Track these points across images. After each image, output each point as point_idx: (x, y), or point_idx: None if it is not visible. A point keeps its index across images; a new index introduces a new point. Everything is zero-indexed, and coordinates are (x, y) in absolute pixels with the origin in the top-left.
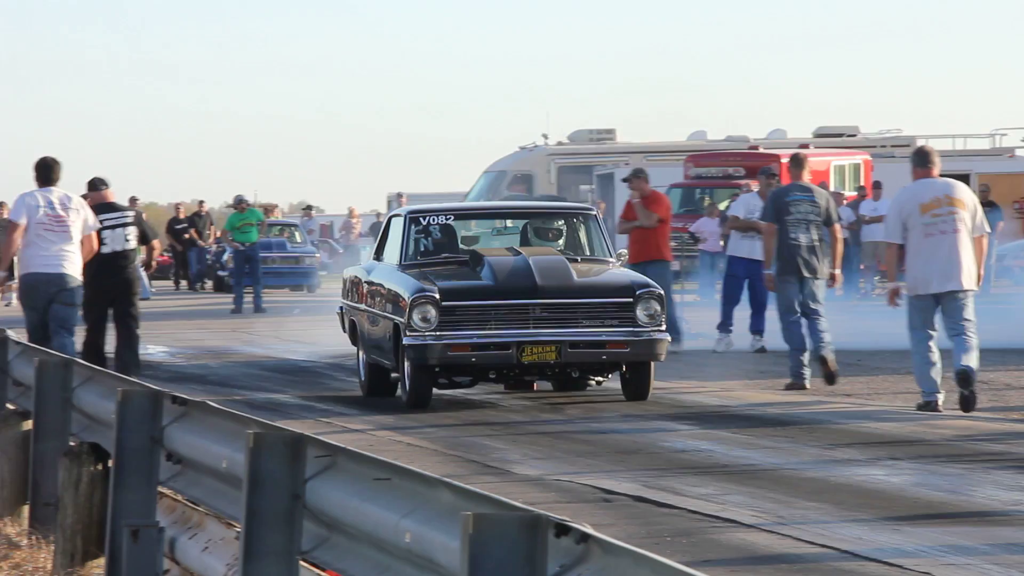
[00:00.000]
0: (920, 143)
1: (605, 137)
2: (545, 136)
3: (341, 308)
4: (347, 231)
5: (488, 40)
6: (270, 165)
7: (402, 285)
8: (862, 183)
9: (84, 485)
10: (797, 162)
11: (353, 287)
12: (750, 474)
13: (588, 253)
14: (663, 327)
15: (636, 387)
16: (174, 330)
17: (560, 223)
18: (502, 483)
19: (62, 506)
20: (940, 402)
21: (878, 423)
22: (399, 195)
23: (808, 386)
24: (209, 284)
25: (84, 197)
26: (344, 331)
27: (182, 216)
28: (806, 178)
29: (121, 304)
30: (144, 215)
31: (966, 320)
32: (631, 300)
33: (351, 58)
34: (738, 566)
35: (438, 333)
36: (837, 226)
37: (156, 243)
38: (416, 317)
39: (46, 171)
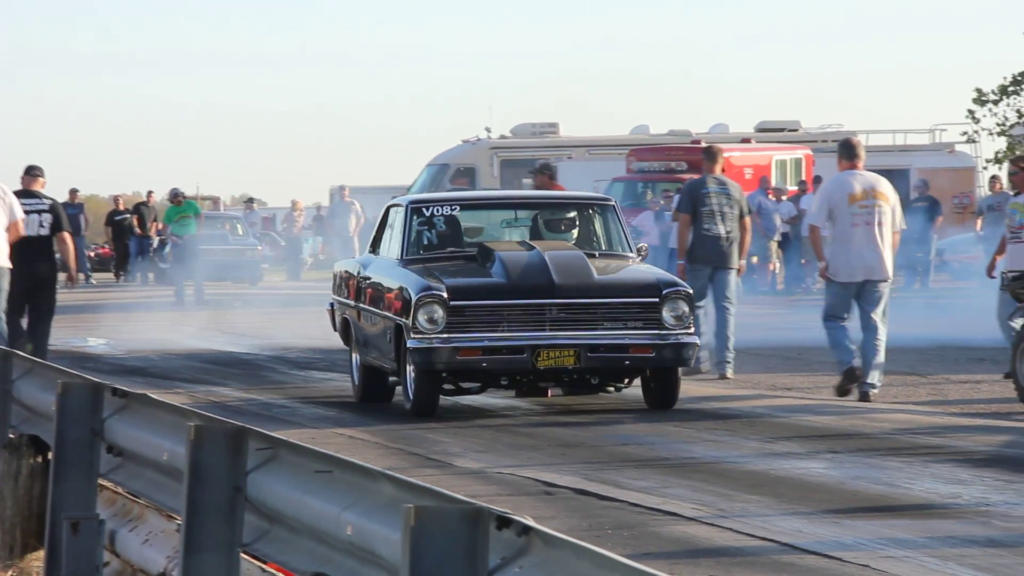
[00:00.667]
0: (859, 136)
1: (548, 131)
2: (488, 130)
3: (332, 304)
4: (290, 224)
5: (431, 32)
6: (212, 157)
7: (405, 282)
8: (803, 177)
9: (24, 477)
10: (711, 155)
11: (346, 282)
12: (691, 467)
13: (606, 247)
14: (691, 329)
15: (661, 395)
16: (115, 322)
17: (574, 214)
18: (444, 476)
19: (1, 499)
20: (857, 365)
21: (818, 416)
22: (342, 188)
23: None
24: (151, 276)
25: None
26: (335, 329)
27: (121, 208)
28: (719, 171)
29: (38, 294)
30: (84, 206)
31: (880, 312)
32: (657, 300)
33: (294, 49)
34: (679, 558)
35: (445, 335)
36: (748, 219)
37: (66, 235)
38: (422, 318)
39: None
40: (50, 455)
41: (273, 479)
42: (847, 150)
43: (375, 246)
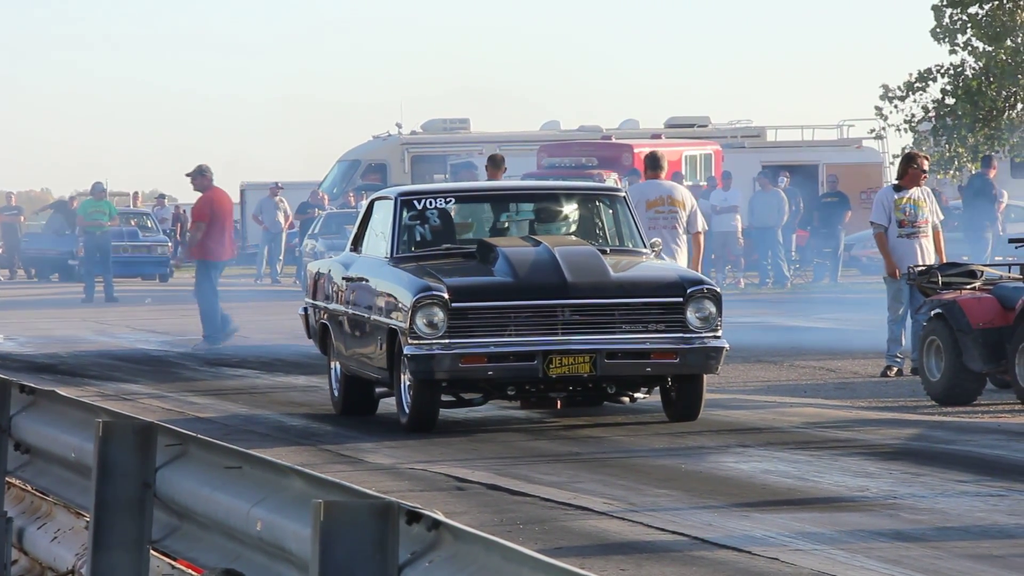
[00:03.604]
0: (767, 131)
1: (459, 127)
2: (399, 125)
3: (305, 309)
4: None
5: (341, 27)
6: (122, 153)
7: (399, 283)
8: (713, 173)
9: None
10: (495, 162)
11: (324, 284)
12: (602, 461)
13: (616, 242)
14: (719, 332)
15: (684, 405)
16: (23, 319)
17: (575, 206)
18: (354, 471)
19: None
20: None
21: (728, 411)
22: (276, 184)
23: None
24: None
25: None
26: (309, 336)
27: (14, 203)
28: (501, 177)
29: None
30: None
31: None
32: (680, 300)
33: (206, 43)
34: (590, 553)
35: (447, 341)
36: None
37: None
38: (420, 322)
39: None
40: None
41: (182, 475)
42: (651, 162)
43: (356, 243)
